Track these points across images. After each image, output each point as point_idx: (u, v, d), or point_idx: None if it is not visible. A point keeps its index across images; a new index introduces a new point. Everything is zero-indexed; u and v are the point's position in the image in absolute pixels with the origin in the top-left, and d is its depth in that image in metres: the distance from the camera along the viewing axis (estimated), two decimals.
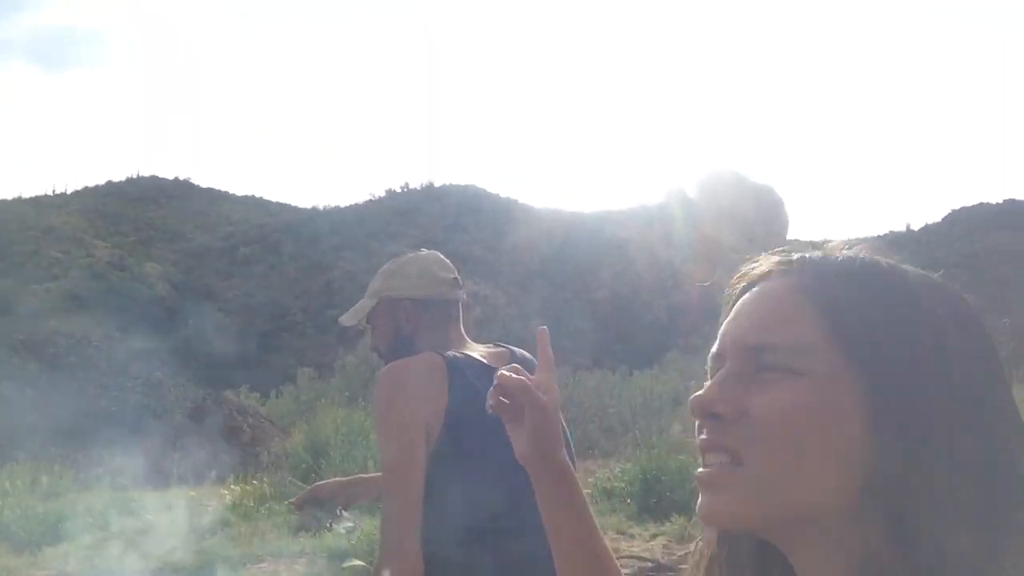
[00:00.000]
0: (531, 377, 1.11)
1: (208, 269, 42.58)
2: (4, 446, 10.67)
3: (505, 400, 1.09)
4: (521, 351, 2.49)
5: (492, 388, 1.11)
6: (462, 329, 2.48)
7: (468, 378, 2.22)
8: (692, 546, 0.83)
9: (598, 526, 1.12)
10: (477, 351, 2.40)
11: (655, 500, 7.49)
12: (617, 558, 3.78)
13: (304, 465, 9.19)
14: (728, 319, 0.75)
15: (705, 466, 0.69)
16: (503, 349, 2.47)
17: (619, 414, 14.11)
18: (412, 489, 2.13)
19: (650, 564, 4.92)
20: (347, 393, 12.84)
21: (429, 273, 2.46)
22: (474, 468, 2.16)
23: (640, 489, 7.79)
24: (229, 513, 7.77)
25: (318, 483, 2.75)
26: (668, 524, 6.55)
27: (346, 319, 2.57)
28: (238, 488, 9.05)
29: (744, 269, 0.79)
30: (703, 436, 0.69)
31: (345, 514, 2.60)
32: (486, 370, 2.30)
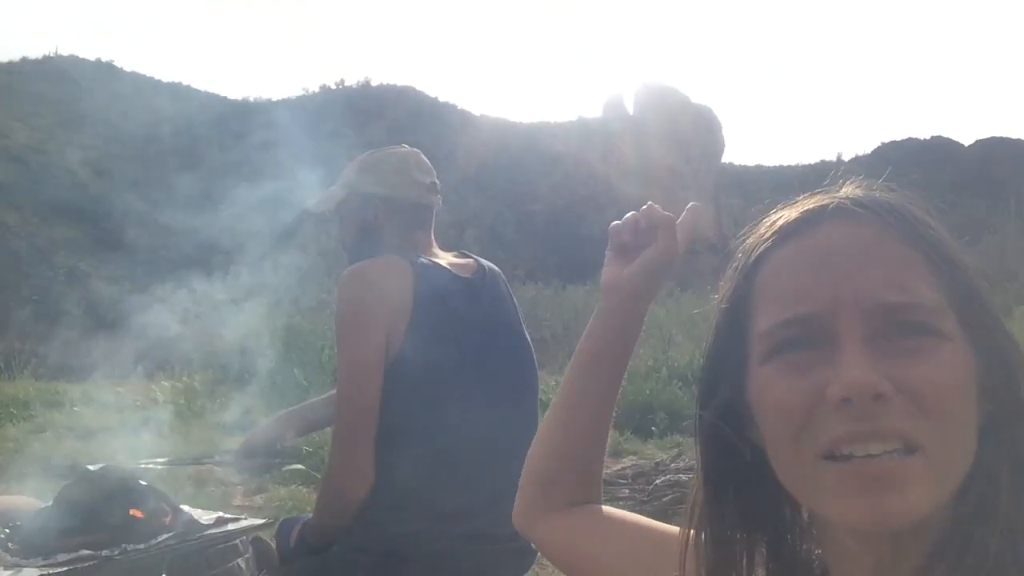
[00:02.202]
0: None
1: (133, 158, 40.87)
2: None
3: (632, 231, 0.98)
4: (487, 262, 2.43)
5: (633, 212, 1.01)
6: (432, 236, 2.40)
7: (433, 286, 2.16)
8: (691, 499, 0.77)
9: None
10: (445, 259, 2.33)
11: None
12: None
13: (238, 364, 9.07)
14: (816, 271, 0.64)
15: (862, 456, 0.59)
16: (470, 259, 2.41)
17: (551, 327, 14.28)
18: (368, 398, 2.08)
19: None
20: (283, 296, 12.64)
21: (406, 172, 2.36)
22: (435, 382, 2.12)
23: None
24: (159, 410, 7.65)
25: (246, 438, 2.66)
26: None
27: (314, 206, 2.46)
28: (167, 384, 8.89)
29: (783, 210, 0.71)
30: (861, 421, 0.59)
31: (286, 450, 2.51)
32: (454, 280, 2.24)
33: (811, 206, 0.69)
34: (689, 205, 1.04)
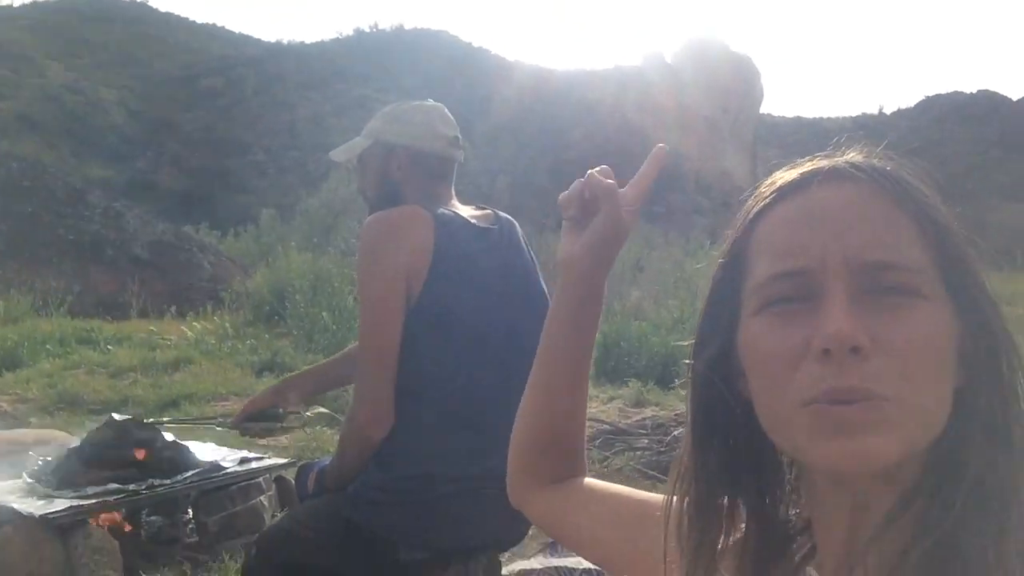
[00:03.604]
0: (616, 187, 0.98)
1: (167, 99, 41.09)
2: None
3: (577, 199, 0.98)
4: (505, 215, 2.44)
5: (578, 181, 0.99)
6: (452, 190, 2.41)
7: (453, 236, 2.17)
8: (676, 460, 0.79)
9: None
10: (464, 211, 2.34)
11: (613, 364, 7.68)
12: None
13: (267, 307, 9.19)
14: (809, 228, 0.67)
15: (834, 403, 0.62)
16: (488, 211, 2.42)
17: None
18: (389, 342, 2.12)
19: (607, 427, 5.07)
20: (314, 239, 12.73)
21: (430, 125, 2.36)
22: (453, 329, 2.15)
23: (600, 353, 7.95)
24: (191, 349, 7.78)
25: (250, 398, 2.71)
26: (625, 388, 6.73)
27: (337, 154, 2.48)
28: (199, 325, 9.03)
29: (783, 172, 0.73)
30: (840, 377, 0.62)
31: (295, 412, 2.56)
32: (473, 230, 2.25)
33: (809, 168, 0.71)
34: (655, 148, 1.02)
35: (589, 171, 0.98)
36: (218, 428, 2.72)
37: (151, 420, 2.81)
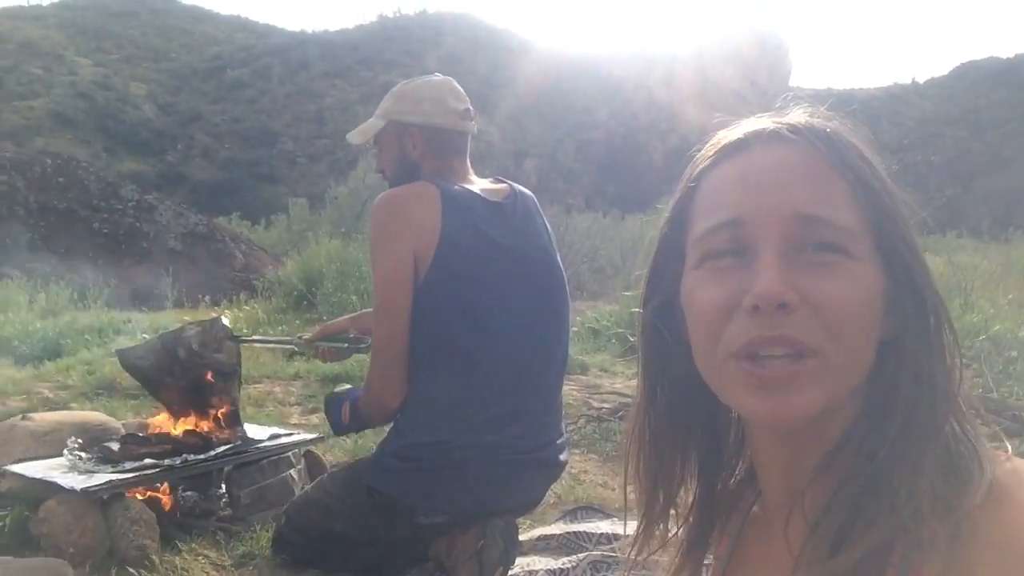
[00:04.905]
0: None
1: (195, 91, 41.39)
2: None
3: None
4: (521, 187, 2.49)
5: None
6: (468, 162, 2.46)
7: (462, 210, 2.23)
8: (630, 413, 0.83)
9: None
10: (478, 185, 2.39)
11: None
12: (600, 393, 3.90)
13: (296, 293, 9.33)
14: (746, 186, 0.70)
15: (760, 357, 0.66)
16: (504, 185, 2.46)
17: (609, 256, 14.23)
18: (400, 317, 2.20)
19: (629, 399, 5.13)
20: (342, 229, 12.84)
21: (441, 101, 2.41)
22: (464, 303, 2.21)
23: (627, 329, 7.99)
24: None
25: (328, 323, 2.83)
26: None
27: (353, 136, 2.54)
28: (232, 313, 9.20)
29: (727, 132, 0.76)
30: (766, 328, 0.66)
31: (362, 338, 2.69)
32: (484, 204, 2.31)
33: (751, 129, 0.74)
34: None
35: None
36: (295, 347, 2.94)
37: (241, 337, 3.09)
